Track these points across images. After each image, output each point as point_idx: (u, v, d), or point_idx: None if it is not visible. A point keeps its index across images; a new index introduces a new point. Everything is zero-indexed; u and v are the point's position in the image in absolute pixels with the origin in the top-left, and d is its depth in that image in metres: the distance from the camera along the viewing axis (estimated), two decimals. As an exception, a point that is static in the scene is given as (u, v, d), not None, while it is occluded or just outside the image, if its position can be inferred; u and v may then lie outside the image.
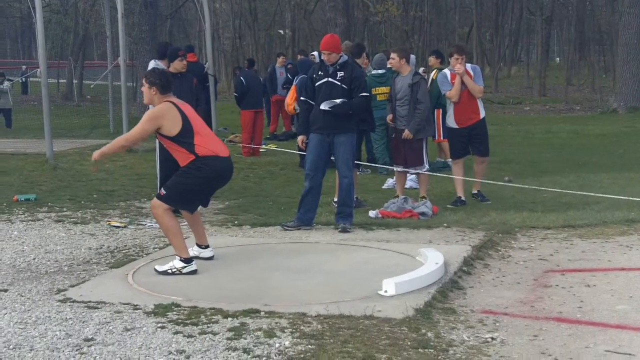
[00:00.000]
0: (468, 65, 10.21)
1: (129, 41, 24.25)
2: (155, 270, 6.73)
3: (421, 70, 14.56)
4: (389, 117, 9.92)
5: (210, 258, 7.12)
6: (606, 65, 43.25)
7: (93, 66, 44.29)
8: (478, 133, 10.28)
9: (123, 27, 17.20)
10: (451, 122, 10.26)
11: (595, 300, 5.96)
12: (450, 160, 10.72)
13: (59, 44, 41.45)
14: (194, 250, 7.09)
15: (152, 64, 10.13)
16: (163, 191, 6.81)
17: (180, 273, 6.68)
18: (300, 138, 8.99)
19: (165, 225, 6.79)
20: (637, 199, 9.23)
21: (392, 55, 9.96)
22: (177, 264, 6.72)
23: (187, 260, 6.74)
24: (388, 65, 11.71)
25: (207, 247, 7.19)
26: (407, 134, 9.67)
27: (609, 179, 12.10)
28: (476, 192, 10.48)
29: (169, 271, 6.69)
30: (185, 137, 6.75)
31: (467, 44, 44.42)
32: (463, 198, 10.12)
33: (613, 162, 14.07)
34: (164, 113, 6.78)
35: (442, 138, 12.87)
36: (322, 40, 8.90)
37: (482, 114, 10.31)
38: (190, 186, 6.81)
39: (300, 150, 9.40)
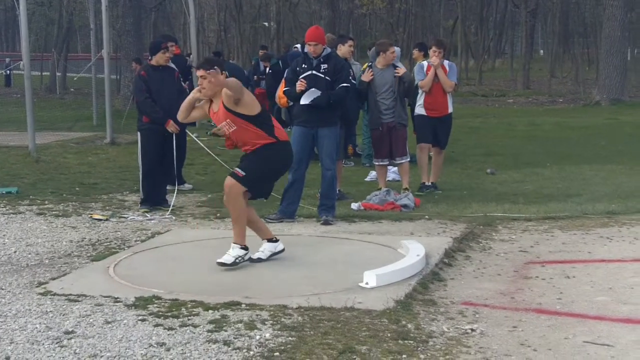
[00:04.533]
0: (446, 62, 10.60)
1: (113, 34, 24.20)
2: (222, 264, 6.54)
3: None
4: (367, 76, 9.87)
5: (282, 250, 6.92)
6: (590, 57, 43.43)
7: (77, 59, 44.06)
8: (443, 126, 10.70)
9: (107, 19, 17.14)
10: (421, 110, 10.65)
11: (575, 291, 6.00)
12: (431, 153, 10.88)
13: (43, 36, 41.25)
14: (265, 251, 6.83)
15: None
16: (241, 172, 6.56)
17: (243, 260, 6.62)
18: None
19: (238, 208, 6.62)
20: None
21: (394, 49, 9.97)
22: (240, 251, 6.62)
23: (246, 248, 6.66)
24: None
25: (277, 240, 6.92)
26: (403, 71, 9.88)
27: (591, 170, 12.17)
28: (430, 183, 10.66)
29: (237, 261, 6.58)
30: (265, 118, 6.70)
31: (451, 36, 44.45)
32: (427, 183, 10.46)
33: (595, 154, 14.14)
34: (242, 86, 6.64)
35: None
36: (307, 32, 8.91)
37: (450, 109, 10.74)
38: (270, 170, 6.74)
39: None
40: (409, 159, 10.09)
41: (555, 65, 41.46)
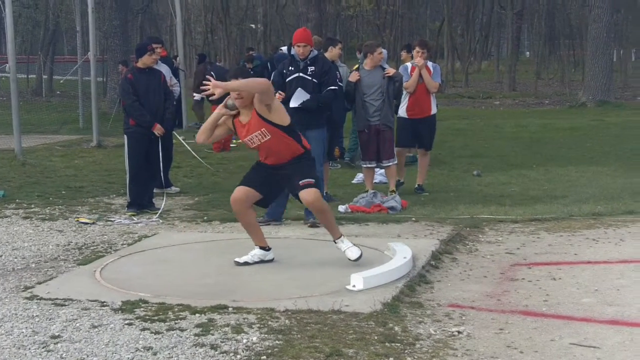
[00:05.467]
0: (430, 64, 10.63)
1: (100, 36, 24.11)
2: (357, 258, 6.57)
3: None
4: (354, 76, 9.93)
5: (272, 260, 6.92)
6: (576, 59, 43.61)
7: (63, 61, 43.86)
8: (426, 127, 10.72)
9: (93, 21, 17.10)
10: (402, 113, 10.65)
11: (561, 293, 6.02)
12: (417, 154, 10.97)
13: (29, 38, 41.04)
14: (254, 256, 6.82)
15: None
16: (311, 180, 6.58)
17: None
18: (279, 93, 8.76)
19: (329, 211, 6.71)
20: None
21: (381, 50, 10.04)
22: (347, 240, 6.72)
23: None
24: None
25: (269, 249, 6.93)
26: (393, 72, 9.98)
27: (577, 172, 12.22)
28: (417, 185, 10.72)
29: (357, 244, 6.68)
30: (294, 128, 6.71)
31: (438, 38, 44.56)
32: (402, 180, 10.68)
33: (581, 156, 14.21)
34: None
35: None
36: (294, 33, 8.90)
37: (434, 111, 10.78)
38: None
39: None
40: (395, 162, 10.13)
41: (542, 66, 41.62)
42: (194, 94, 21.11)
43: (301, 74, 8.63)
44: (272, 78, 9.20)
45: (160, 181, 10.07)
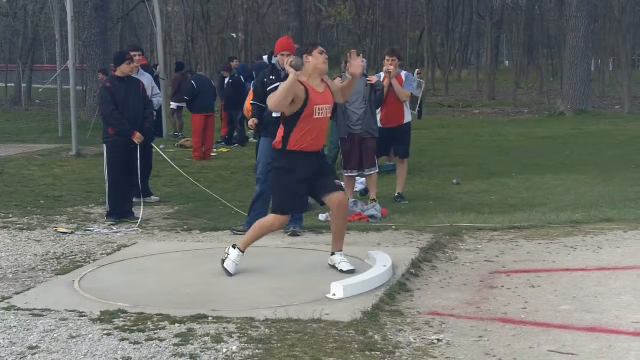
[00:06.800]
0: (403, 72, 10.65)
1: (79, 44, 24.05)
2: (346, 270, 6.65)
3: (416, 72, 14.52)
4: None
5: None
6: (554, 68, 43.92)
7: (42, 69, 43.64)
8: (401, 135, 10.72)
9: (72, 29, 17.03)
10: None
11: (539, 300, 6.05)
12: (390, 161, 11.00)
13: (8, 47, 40.86)
14: (235, 261, 6.82)
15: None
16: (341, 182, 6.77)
17: None
18: (252, 120, 8.83)
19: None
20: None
21: (360, 58, 10.05)
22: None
23: None
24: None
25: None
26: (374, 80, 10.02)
27: (555, 180, 12.29)
28: (397, 194, 10.73)
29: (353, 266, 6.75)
30: None
31: (418, 47, 44.75)
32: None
33: (559, 164, 14.29)
34: None
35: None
36: (277, 42, 8.90)
37: (407, 119, 10.80)
38: None
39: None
40: (377, 170, 10.15)
41: (520, 75, 41.87)
42: (171, 102, 21.10)
43: (282, 83, 8.62)
44: (252, 86, 9.19)
45: (138, 190, 10.03)
